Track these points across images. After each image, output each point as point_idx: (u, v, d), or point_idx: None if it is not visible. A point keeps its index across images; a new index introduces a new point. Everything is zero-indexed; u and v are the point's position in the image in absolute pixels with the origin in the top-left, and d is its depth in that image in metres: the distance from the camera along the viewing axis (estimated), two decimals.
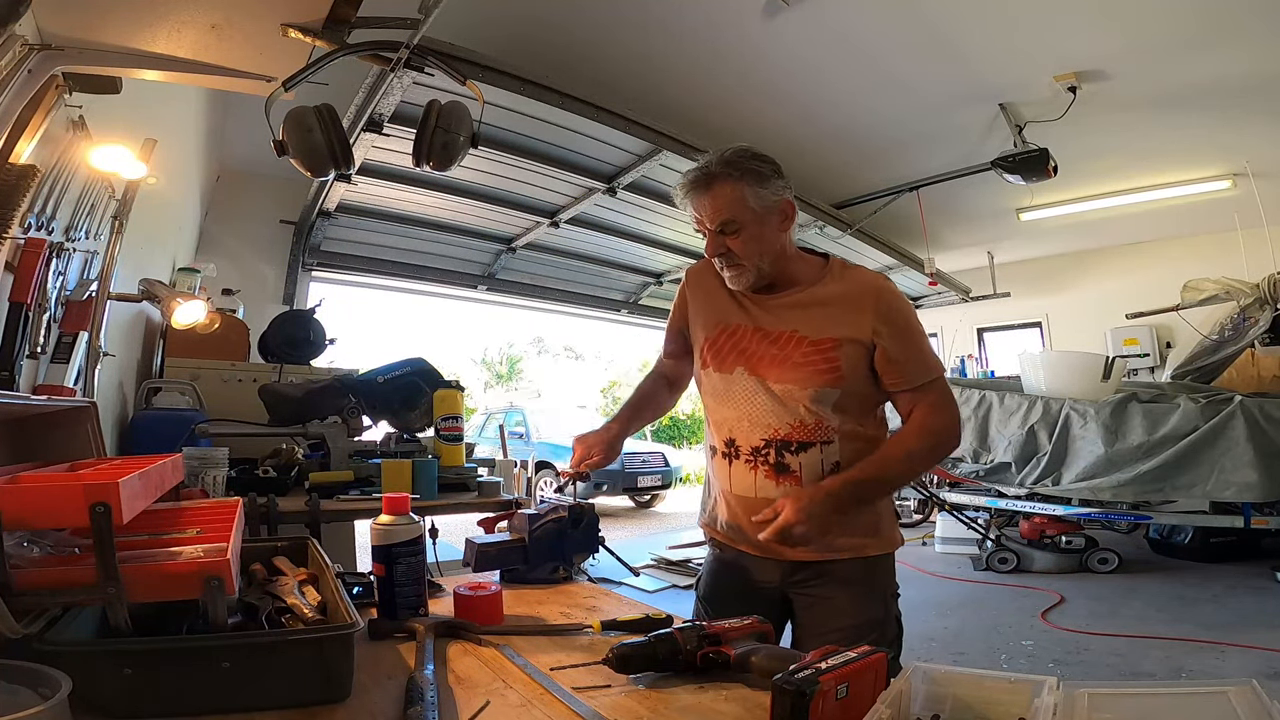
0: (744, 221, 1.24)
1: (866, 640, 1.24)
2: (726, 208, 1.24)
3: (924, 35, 3.47)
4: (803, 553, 1.27)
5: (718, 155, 1.27)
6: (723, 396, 1.34)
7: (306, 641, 0.76)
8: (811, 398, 1.25)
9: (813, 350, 1.26)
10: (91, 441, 1.20)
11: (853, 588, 1.28)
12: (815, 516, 1.15)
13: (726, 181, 1.24)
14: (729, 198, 1.24)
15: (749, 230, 1.25)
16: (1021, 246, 7.11)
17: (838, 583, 1.28)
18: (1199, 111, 4.17)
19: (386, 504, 1.06)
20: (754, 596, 1.30)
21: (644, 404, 1.53)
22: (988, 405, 5.08)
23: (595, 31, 3.39)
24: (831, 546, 1.27)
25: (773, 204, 1.26)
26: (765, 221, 1.26)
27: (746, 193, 1.24)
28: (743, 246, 1.26)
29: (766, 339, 1.30)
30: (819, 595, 1.29)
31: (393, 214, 4.97)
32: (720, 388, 1.34)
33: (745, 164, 1.25)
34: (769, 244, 1.27)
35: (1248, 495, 4.06)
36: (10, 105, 1.25)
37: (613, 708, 0.75)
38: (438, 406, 1.94)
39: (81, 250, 1.81)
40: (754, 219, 1.25)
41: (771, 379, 1.28)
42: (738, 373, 1.31)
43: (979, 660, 3.25)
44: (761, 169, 1.26)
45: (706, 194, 1.25)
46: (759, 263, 1.27)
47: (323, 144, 1.88)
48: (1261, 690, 0.59)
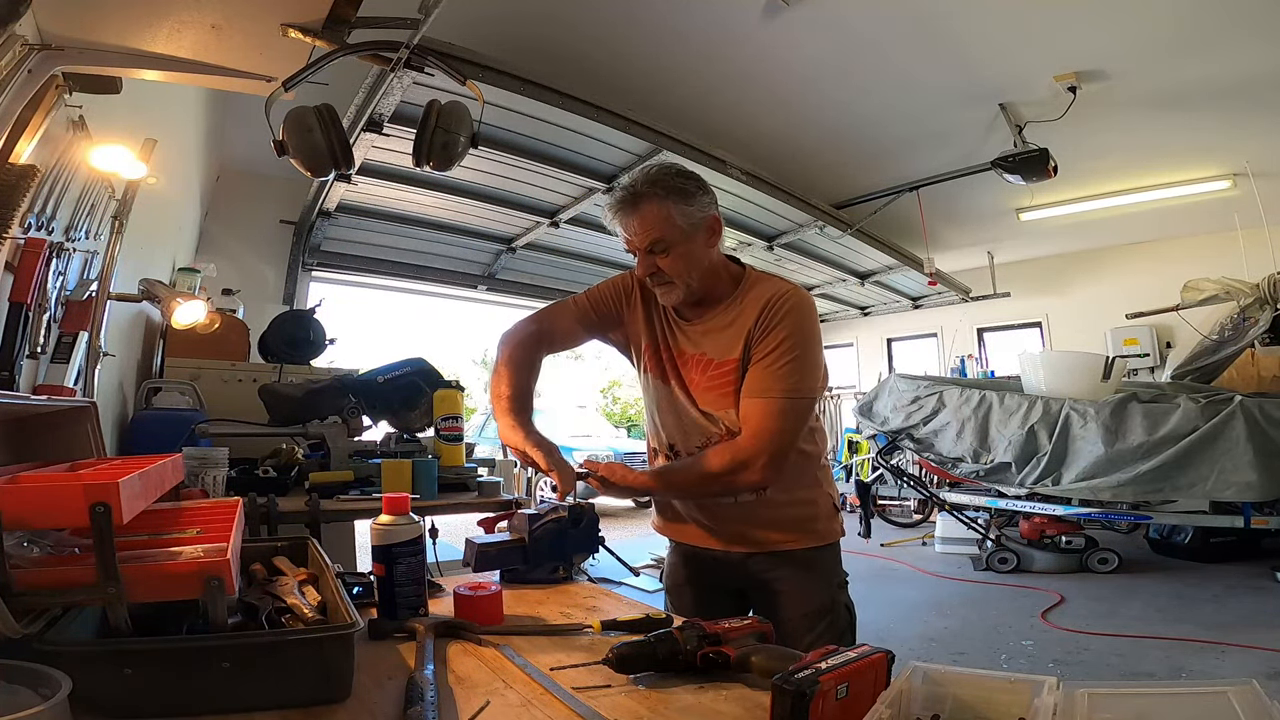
0: (672, 240, 1.26)
1: (817, 628, 1.28)
2: (655, 227, 1.25)
3: (924, 35, 3.47)
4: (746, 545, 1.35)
5: (643, 174, 1.28)
6: (665, 407, 1.40)
7: (306, 641, 0.76)
8: (729, 414, 1.31)
9: (717, 373, 1.31)
10: (91, 441, 1.20)
11: (795, 580, 1.34)
12: (609, 482, 1.27)
13: (653, 201, 1.25)
14: (656, 217, 1.25)
15: (678, 249, 1.26)
16: (1021, 246, 7.11)
17: (781, 576, 1.34)
18: (1199, 111, 4.17)
19: (386, 504, 1.06)
20: (712, 587, 1.41)
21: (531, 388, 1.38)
22: (988, 405, 5.08)
23: (595, 31, 3.39)
24: (770, 542, 1.34)
25: (699, 221, 1.28)
26: (693, 239, 1.28)
27: (673, 211, 1.25)
28: (671, 265, 1.27)
29: (688, 362, 1.36)
30: (769, 587, 1.35)
31: (393, 214, 4.98)
32: (662, 397, 1.40)
33: (670, 182, 1.26)
34: (697, 261, 1.29)
35: (1248, 495, 4.06)
36: (10, 105, 1.25)
37: (613, 708, 0.75)
38: (438, 406, 1.94)
39: (81, 250, 1.81)
40: (682, 237, 1.26)
41: (697, 398, 1.35)
42: (673, 385, 1.38)
43: (979, 660, 3.25)
44: (687, 186, 1.27)
45: (634, 214, 1.26)
46: (688, 280, 1.29)
47: (323, 144, 1.88)
48: (1261, 690, 0.59)
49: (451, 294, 6.38)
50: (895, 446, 5.93)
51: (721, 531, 1.38)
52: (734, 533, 1.37)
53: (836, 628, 1.32)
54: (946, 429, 5.26)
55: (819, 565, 1.36)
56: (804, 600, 1.32)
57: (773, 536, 1.34)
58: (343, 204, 4.68)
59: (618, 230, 1.32)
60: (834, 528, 1.40)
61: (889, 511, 7.21)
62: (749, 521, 1.35)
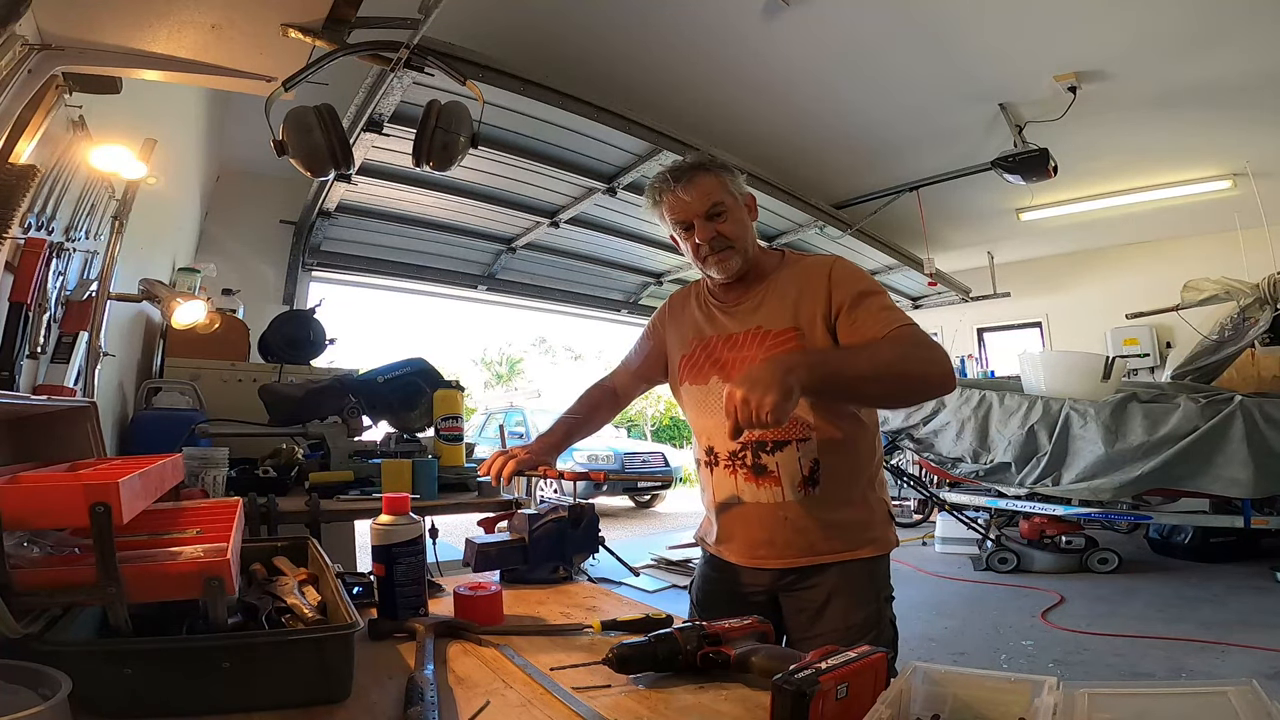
0: (729, 206, 1.33)
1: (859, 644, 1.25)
2: (714, 191, 1.32)
3: (924, 35, 3.47)
4: (791, 559, 1.28)
5: (683, 160, 1.39)
6: (701, 407, 1.38)
7: (306, 641, 0.76)
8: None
9: (775, 343, 1.29)
10: (91, 441, 1.20)
11: (842, 592, 1.26)
12: (759, 380, 1.00)
13: (707, 172, 1.33)
14: (713, 184, 1.32)
15: (734, 214, 1.33)
16: (1021, 246, 7.11)
17: (827, 588, 1.27)
18: (1199, 111, 4.17)
19: (386, 504, 1.06)
20: (744, 603, 1.30)
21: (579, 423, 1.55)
22: (988, 405, 5.08)
23: (595, 31, 3.39)
24: (818, 550, 1.27)
25: (744, 195, 1.37)
26: (742, 209, 1.36)
27: (726, 181, 1.34)
28: (731, 229, 1.33)
29: (734, 344, 1.35)
30: (807, 600, 1.29)
31: (393, 214, 4.97)
32: (699, 398, 1.38)
33: (715, 161, 1.38)
34: (748, 229, 1.36)
35: (1234, 490, 4.09)
36: (10, 105, 1.25)
37: (613, 708, 0.75)
38: (438, 406, 1.94)
39: (81, 250, 1.80)
40: (736, 204, 1.34)
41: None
42: (713, 381, 1.35)
43: (979, 660, 3.25)
44: (729, 164, 1.38)
45: (692, 184, 1.31)
46: (746, 245, 1.35)
47: (323, 144, 1.88)
48: (1261, 690, 0.59)
49: (451, 294, 6.37)
50: (895, 446, 5.93)
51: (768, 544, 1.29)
52: (779, 545, 1.28)
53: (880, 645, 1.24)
54: (946, 429, 5.26)
55: (867, 578, 1.28)
56: (845, 615, 1.25)
57: (825, 544, 1.26)
58: (343, 204, 4.67)
59: (667, 209, 1.34)
60: (889, 536, 1.32)
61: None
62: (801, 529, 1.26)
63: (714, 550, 1.40)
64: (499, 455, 1.37)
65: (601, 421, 1.59)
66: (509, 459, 1.35)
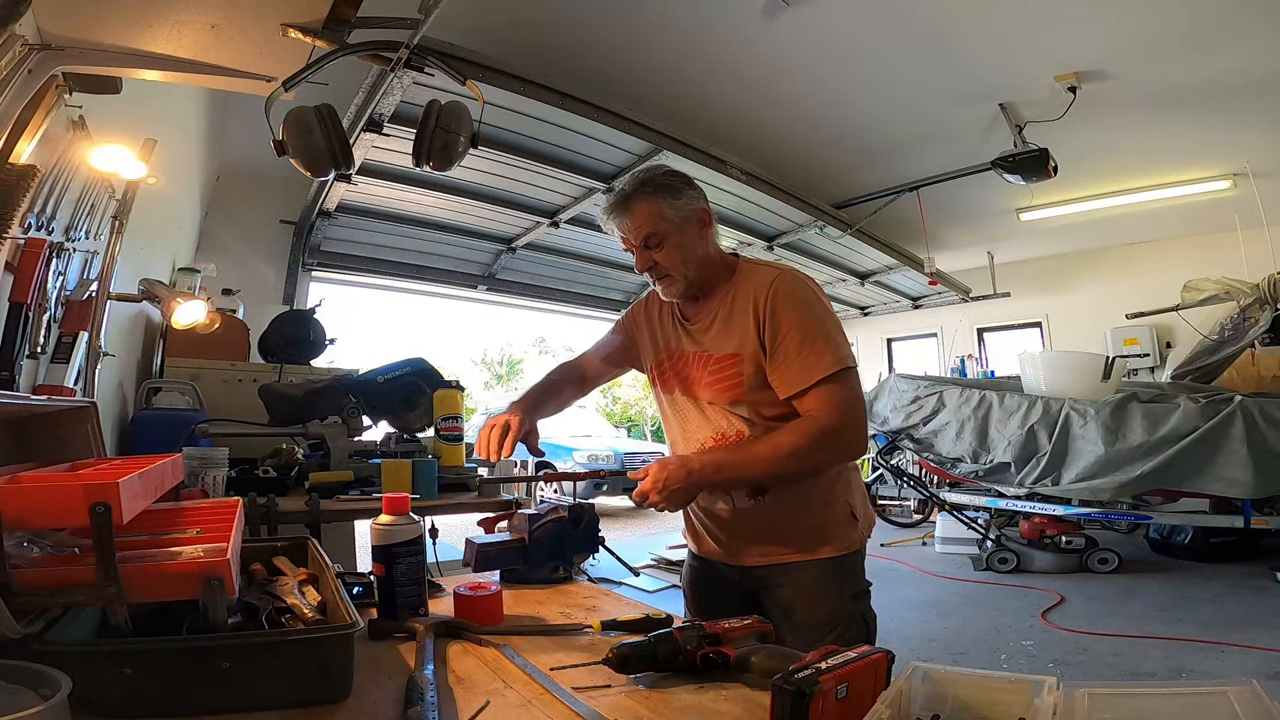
0: (665, 233, 1.32)
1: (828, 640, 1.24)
2: (646, 222, 1.32)
3: (924, 35, 3.47)
4: (753, 560, 1.35)
5: (632, 177, 1.36)
6: (668, 416, 1.46)
7: (306, 641, 0.76)
8: (728, 410, 1.33)
9: (718, 367, 1.34)
10: (91, 441, 1.20)
11: (806, 591, 1.31)
12: (670, 492, 1.20)
13: (642, 199, 1.32)
14: (647, 213, 1.32)
15: (671, 240, 1.32)
16: (1021, 246, 7.11)
17: (793, 586, 1.32)
18: (1199, 111, 4.17)
19: (386, 504, 1.06)
20: (726, 594, 1.39)
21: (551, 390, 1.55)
22: (988, 405, 5.08)
23: (595, 32, 3.39)
24: (772, 554, 1.33)
25: (689, 213, 1.34)
26: (685, 231, 1.33)
27: (663, 206, 1.32)
28: (667, 257, 1.33)
29: (688, 362, 1.40)
30: (777, 598, 1.34)
31: (393, 214, 4.98)
32: (667, 408, 1.46)
33: (657, 180, 1.34)
34: (691, 252, 1.34)
35: (1233, 490, 4.09)
36: (10, 105, 1.25)
37: (613, 708, 0.75)
38: (438, 406, 1.94)
39: (81, 250, 1.81)
40: (674, 229, 1.32)
41: (699, 396, 1.37)
42: (677, 394, 1.42)
43: (979, 660, 3.25)
44: (673, 182, 1.35)
45: (626, 214, 1.33)
46: (685, 271, 1.34)
47: (323, 144, 1.88)
48: (1261, 690, 0.59)
49: (451, 294, 6.38)
50: (895, 446, 5.93)
51: (730, 545, 1.38)
52: (739, 547, 1.36)
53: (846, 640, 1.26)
54: (946, 429, 5.26)
55: (829, 575, 1.32)
56: (812, 610, 1.30)
57: (779, 549, 1.32)
58: (343, 204, 4.68)
59: (614, 233, 1.38)
60: (851, 536, 1.35)
61: (889, 511, 7.21)
62: (756, 534, 1.34)
63: (691, 545, 1.50)
64: (488, 429, 1.35)
65: (570, 397, 1.59)
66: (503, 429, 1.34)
